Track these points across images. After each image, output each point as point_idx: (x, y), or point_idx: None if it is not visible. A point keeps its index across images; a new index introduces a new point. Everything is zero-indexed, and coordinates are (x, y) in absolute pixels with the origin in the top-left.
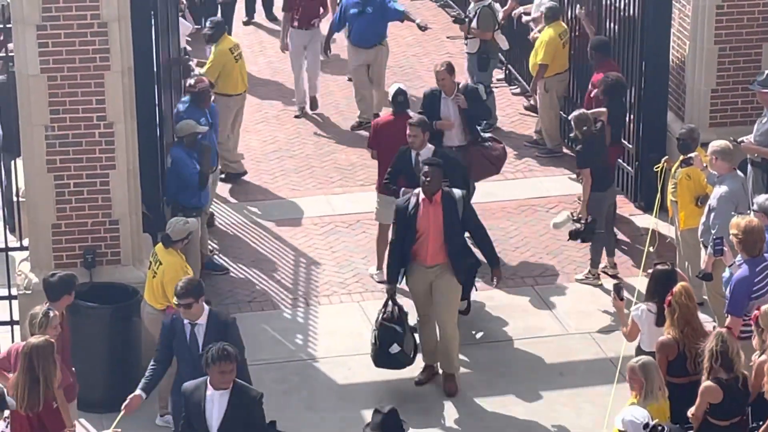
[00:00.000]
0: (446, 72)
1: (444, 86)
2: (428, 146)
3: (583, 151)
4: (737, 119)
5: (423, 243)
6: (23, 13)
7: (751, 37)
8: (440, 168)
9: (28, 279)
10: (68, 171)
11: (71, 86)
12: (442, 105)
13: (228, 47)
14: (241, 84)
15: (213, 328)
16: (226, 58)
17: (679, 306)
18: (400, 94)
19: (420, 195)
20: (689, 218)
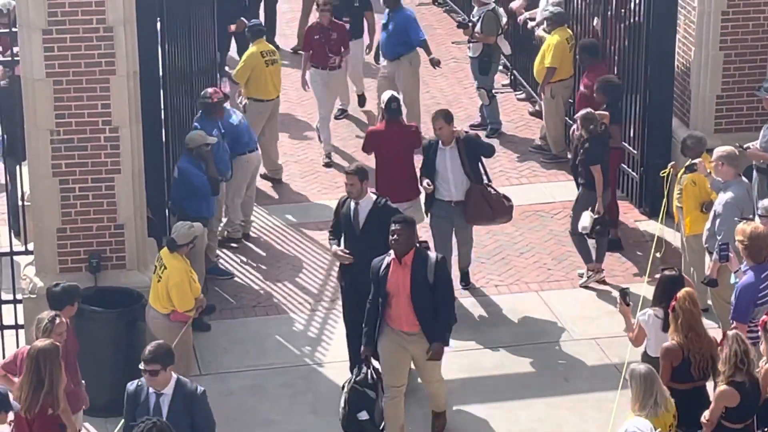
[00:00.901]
0: (443, 120)
1: (441, 135)
2: (368, 195)
3: (591, 149)
4: (742, 125)
5: (395, 307)
6: (29, 17)
7: (756, 44)
8: (411, 226)
9: (33, 283)
10: (73, 175)
11: (77, 90)
12: (439, 156)
13: (260, 51)
14: (273, 90)
15: (179, 399)
16: (256, 61)
17: (683, 311)
18: (393, 101)
19: (392, 254)
20: (694, 224)
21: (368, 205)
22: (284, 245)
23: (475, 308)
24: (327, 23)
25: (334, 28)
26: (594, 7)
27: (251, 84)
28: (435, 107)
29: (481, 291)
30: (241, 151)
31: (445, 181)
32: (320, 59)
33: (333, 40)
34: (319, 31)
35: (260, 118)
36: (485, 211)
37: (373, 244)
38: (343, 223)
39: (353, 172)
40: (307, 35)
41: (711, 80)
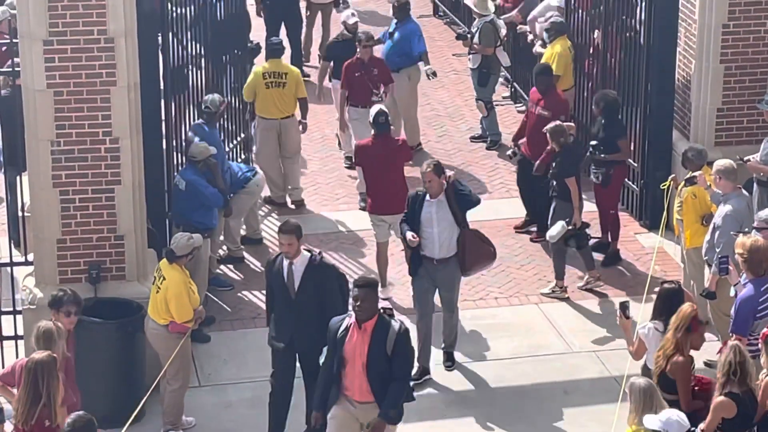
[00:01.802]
0: (433, 173)
1: (430, 188)
2: (303, 254)
3: (563, 162)
4: (743, 138)
5: (350, 374)
6: (30, 28)
7: (756, 57)
8: (375, 289)
9: (33, 294)
10: (74, 186)
11: (77, 101)
12: (425, 209)
13: (263, 71)
14: (275, 110)
15: None
16: (257, 80)
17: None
18: (381, 115)
19: (353, 317)
20: (695, 237)
21: (303, 264)
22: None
23: (474, 320)
24: (368, 59)
25: (374, 63)
26: (594, 20)
27: (257, 101)
28: (435, 119)
29: (481, 303)
30: (241, 186)
31: (429, 237)
32: (362, 97)
33: (375, 77)
34: (359, 68)
35: (268, 134)
36: (485, 251)
37: (309, 308)
38: (275, 285)
39: (289, 231)
40: (346, 72)
41: (711, 93)
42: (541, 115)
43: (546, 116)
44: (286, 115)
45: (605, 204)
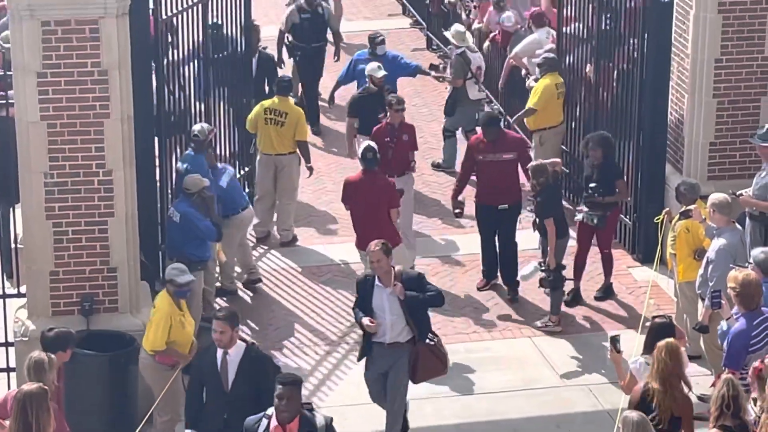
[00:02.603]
0: (381, 252)
1: (378, 269)
2: (239, 344)
3: (543, 201)
4: (735, 172)
5: None
6: (24, 60)
7: (749, 91)
8: (299, 386)
9: (25, 326)
10: (67, 218)
11: (71, 133)
12: (375, 294)
13: (264, 107)
14: (272, 146)
15: None
16: (257, 117)
17: (657, 362)
18: (369, 151)
19: (273, 418)
20: (687, 271)
21: (239, 355)
22: (277, 289)
23: (467, 353)
24: (398, 124)
25: (405, 129)
26: (587, 54)
27: (258, 134)
28: (429, 152)
29: (474, 336)
30: (234, 212)
31: (380, 323)
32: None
33: (404, 143)
34: (389, 133)
35: (265, 170)
36: (436, 367)
37: (244, 403)
38: (207, 375)
39: (223, 319)
40: (375, 137)
41: (704, 127)
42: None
43: (511, 159)
44: (282, 153)
45: (601, 244)
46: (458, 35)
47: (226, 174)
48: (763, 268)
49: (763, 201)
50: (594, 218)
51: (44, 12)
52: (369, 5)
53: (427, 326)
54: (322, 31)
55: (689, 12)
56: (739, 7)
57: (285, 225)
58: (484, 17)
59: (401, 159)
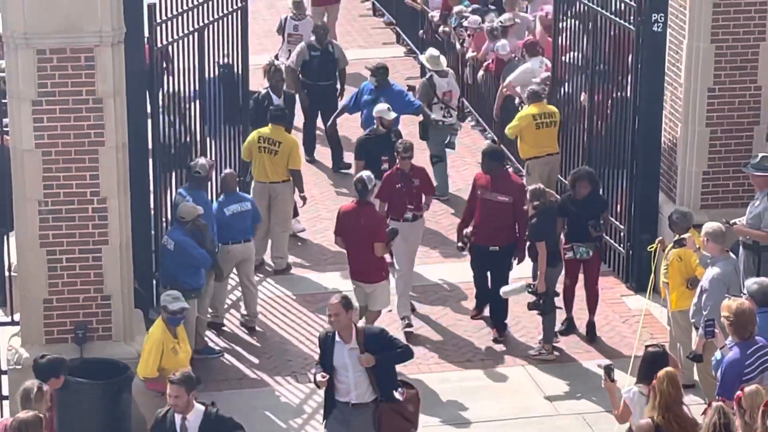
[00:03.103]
0: (340, 306)
1: (336, 324)
2: (197, 407)
3: (537, 224)
4: (728, 201)
5: None
6: (19, 88)
7: (742, 120)
8: None
9: (19, 354)
10: (61, 246)
11: (65, 161)
12: (336, 351)
13: (258, 135)
14: (263, 174)
15: None
16: (251, 145)
17: (660, 392)
18: (359, 182)
19: None
20: (680, 300)
21: (198, 419)
22: (272, 317)
23: (461, 382)
24: (409, 170)
25: (416, 174)
26: (582, 84)
27: (252, 163)
28: None
29: (468, 364)
30: (223, 241)
31: (344, 382)
32: (399, 211)
33: (415, 188)
34: (400, 179)
35: (260, 198)
36: (402, 427)
37: None
38: None
39: (179, 382)
40: (385, 183)
41: (697, 156)
42: (498, 201)
43: (506, 202)
44: (276, 181)
45: (590, 280)
46: (432, 59)
47: (241, 204)
48: (756, 298)
49: (756, 230)
50: (589, 251)
51: (39, 40)
52: (363, 34)
53: (393, 384)
54: (331, 69)
55: (682, 41)
56: (731, 37)
57: (279, 253)
58: (479, 46)
59: (413, 204)
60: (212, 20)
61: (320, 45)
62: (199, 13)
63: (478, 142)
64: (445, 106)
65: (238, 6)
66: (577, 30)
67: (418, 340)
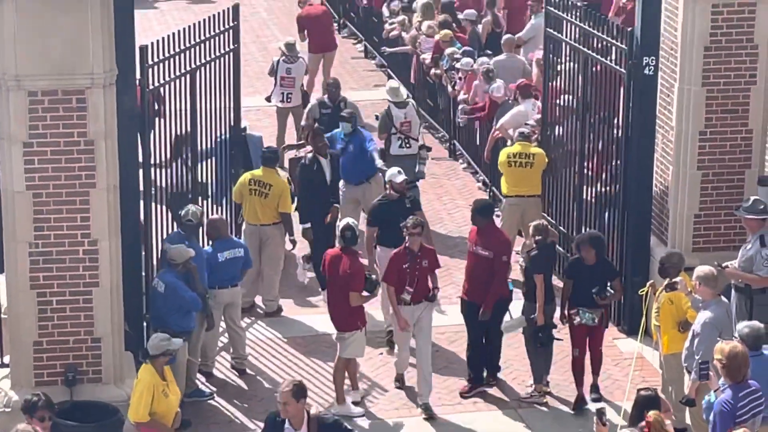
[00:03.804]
0: (290, 395)
1: (285, 413)
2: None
3: (537, 258)
4: (720, 245)
5: None
6: (10, 130)
7: (733, 163)
8: None
9: (8, 397)
10: (51, 288)
11: (56, 203)
12: None
13: (249, 178)
14: (254, 216)
15: None
16: (242, 187)
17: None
18: (348, 230)
19: None
20: (672, 343)
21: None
22: (263, 359)
23: (452, 426)
24: (418, 249)
25: (426, 254)
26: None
27: (243, 205)
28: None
29: (459, 408)
30: (211, 286)
31: None
32: (398, 293)
33: (420, 269)
34: (407, 258)
35: (250, 240)
36: None
37: None
38: None
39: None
40: (392, 262)
41: (689, 199)
42: (480, 255)
43: (488, 257)
44: (266, 223)
45: (594, 343)
46: (391, 91)
47: (234, 250)
48: (748, 342)
49: (749, 273)
50: (594, 318)
51: (31, 82)
52: (355, 76)
53: None
54: None
55: (674, 85)
56: (723, 81)
57: (269, 295)
58: (470, 89)
59: (420, 285)
60: (204, 62)
61: (332, 102)
62: (191, 55)
63: (469, 184)
64: (404, 136)
65: (231, 48)
66: (569, 73)
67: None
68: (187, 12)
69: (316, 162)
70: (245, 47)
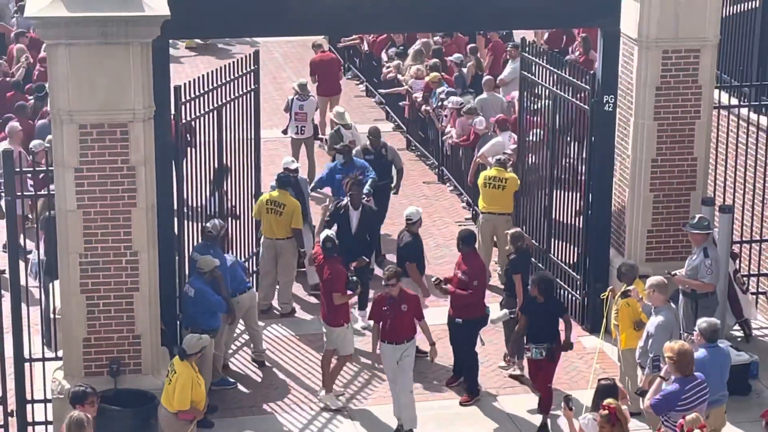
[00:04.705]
0: None
1: None
2: None
3: (516, 261)
4: (669, 255)
5: None
6: (63, 158)
7: (681, 186)
8: None
9: (62, 385)
10: (98, 293)
11: (102, 220)
12: None
13: (267, 198)
14: (270, 231)
15: None
16: (260, 206)
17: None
18: (328, 241)
19: None
20: (629, 339)
21: None
22: (277, 355)
23: (441, 410)
24: (397, 294)
25: (405, 299)
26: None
27: (262, 222)
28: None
29: (447, 394)
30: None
31: None
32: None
33: (403, 314)
34: (387, 302)
35: (267, 252)
36: None
37: None
38: None
39: None
40: (375, 306)
41: (643, 216)
42: (461, 279)
43: (464, 280)
44: (281, 237)
45: (545, 378)
46: (338, 115)
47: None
48: (705, 335)
49: (694, 280)
50: (542, 351)
51: (81, 116)
52: (358, 112)
53: None
54: (386, 171)
55: (629, 119)
56: (672, 115)
57: (284, 299)
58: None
59: (400, 329)
60: (229, 100)
61: (374, 148)
62: (217, 94)
63: (455, 204)
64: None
65: (252, 88)
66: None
67: None
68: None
69: (346, 210)
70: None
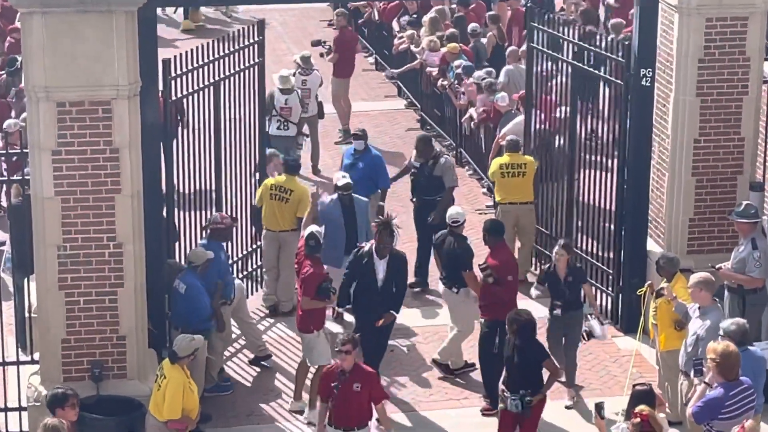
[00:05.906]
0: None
1: None
2: None
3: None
4: (714, 247)
5: None
6: (39, 139)
7: (726, 170)
8: None
9: (38, 391)
10: (79, 288)
11: (83, 208)
12: None
13: (270, 183)
14: (273, 222)
15: None
16: (264, 192)
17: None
18: (312, 239)
19: None
20: (669, 340)
21: None
22: (276, 355)
23: (459, 418)
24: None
25: (358, 376)
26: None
27: (263, 210)
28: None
29: (465, 402)
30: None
31: None
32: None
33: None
34: (337, 377)
35: (269, 244)
36: None
37: None
38: None
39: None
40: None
41: (684, 204)
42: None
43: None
44: (285, 229)
45: None
46: (281, 78)
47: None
48: (734, 338)
49: (741, 274)
50: (518, 404)
51: (59, 93)
52: (366, 87)
53: None
54: (439, 186)
55: (669, 95)
56: (716, 91)
57: (285, 296)
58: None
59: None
60: (228, 75)
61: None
62: (214, 68)
63: (474, 189)
64: (283, 119)
65: (255, 62)
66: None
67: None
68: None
69: (370, 258)
70: None
